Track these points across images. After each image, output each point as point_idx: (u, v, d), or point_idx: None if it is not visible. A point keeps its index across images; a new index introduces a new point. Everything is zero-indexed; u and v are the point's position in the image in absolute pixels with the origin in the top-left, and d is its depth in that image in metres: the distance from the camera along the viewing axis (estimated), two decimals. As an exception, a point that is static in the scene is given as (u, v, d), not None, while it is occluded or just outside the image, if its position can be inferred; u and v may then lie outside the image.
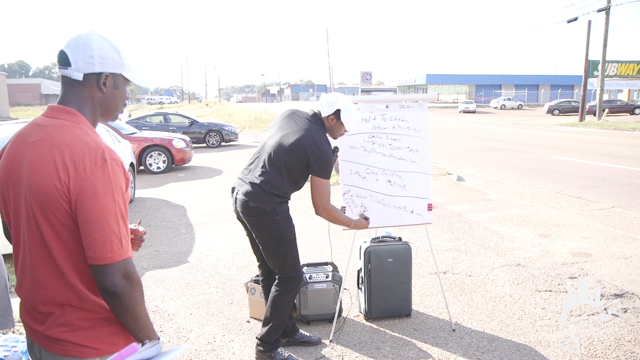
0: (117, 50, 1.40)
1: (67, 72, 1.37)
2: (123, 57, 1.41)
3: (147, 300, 4.06)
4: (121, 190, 1.32)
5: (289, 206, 2.97)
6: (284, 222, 2.89)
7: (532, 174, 10.25)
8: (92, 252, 1.26)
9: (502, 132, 22.44)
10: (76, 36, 1.39)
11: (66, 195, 1.27)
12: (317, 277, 3.63)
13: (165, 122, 16.65)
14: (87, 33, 1.39)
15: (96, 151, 1.29)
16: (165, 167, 11.35)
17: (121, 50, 1.41)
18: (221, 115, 32.87)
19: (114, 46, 1.40)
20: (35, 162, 1.30)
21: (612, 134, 20.74)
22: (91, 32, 1.40)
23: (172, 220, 6.83)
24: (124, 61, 1.41)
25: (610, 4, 26.23)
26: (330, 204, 2.95)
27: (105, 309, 1.34)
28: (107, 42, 1.39)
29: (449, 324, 3.60)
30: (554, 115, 37.16)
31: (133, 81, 1.47)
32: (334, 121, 2.95)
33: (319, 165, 2.81)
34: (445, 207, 7.28)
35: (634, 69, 33.15)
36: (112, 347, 1.37)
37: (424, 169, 3.51)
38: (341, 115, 2.92)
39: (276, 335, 3.05)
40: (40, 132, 1.33)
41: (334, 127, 2.99)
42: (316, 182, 2.85)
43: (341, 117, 2.92)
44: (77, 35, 1.39)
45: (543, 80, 61.44)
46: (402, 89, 69.07)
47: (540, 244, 5.48)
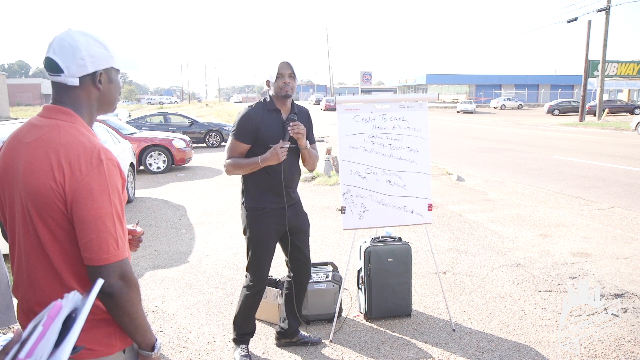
0: (102, 44, 1.38)
1: (61, 79, 1.35)
2: (109, 49, 1.39)
3: (147, 300, 4.06)
4: (117, 190, 1.31)
5: (265, 208, 2.91)
6: (250, 220, 2.94)
7: (532, 174, 10.25)
8: (88, 252, 1.25)
9: (502, 132, 22.44)
10: (58, 39, 1.35)
11: (62, 196, 1.26)
12: (317, 277, 3.63)
13: (165, 122, 16.66)
14: (68, 33, 1.35)
15: (92, 151, 1.28)
16: (165, 167, 11.34)
17: (106, 43, 1.39)
18: (221, 115, 32.85)
19: (98, 40, 1.37)
20: (31, 163, 1.29)
21: (612, 134, 20.73)
22: (71, 31, 1.36)
23: (172, 220, 6.83)
24: (111, 53, 1.40)
25: (610, 4, 26.23)
26: (229, 160, 2.90)
27: (102, 310, 1.33)
28: (91, 39, 1.36)
29: (449, 324, 3.60)
30: (554, 115, 37.15)
31: (123, 69, 1.45)
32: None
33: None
34: (445, 207, 7.28)
35: (634, 69, 33.13)
36: (109, 348, 1.36)
37: (424, 169, 3.50)
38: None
39: (236, 329, 3.12)
40: (36, 133, 1.32)
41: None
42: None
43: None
44: (57, 38, 1.35)
45: (543, 80, 61.43)
46: (402, 89, 69.06)
47: (540, 244, 5.48)
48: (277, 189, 2.89)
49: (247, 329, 3.14)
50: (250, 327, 3.15)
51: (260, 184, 2.91)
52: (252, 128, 2.83)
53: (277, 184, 2.88)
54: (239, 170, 2.89)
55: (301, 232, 3.09)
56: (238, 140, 2.86)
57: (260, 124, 2.84)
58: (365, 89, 65.30)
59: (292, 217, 3.00)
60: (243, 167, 2.86)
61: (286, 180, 2.91)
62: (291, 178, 2.97)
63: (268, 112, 2.88)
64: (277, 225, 2.95)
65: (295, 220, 3.03)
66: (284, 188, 2.89)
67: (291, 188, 3.01)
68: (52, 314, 1.04)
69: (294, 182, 3.03)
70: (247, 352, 3.12)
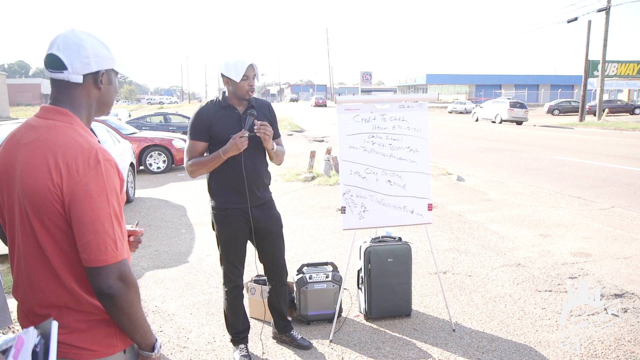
0: (105, 46, 1.39)
1: (64, 76, 1.34)
2: (111, 51, 1.41)
3: (147, 300, 4.06)
4: (115, 191, 1.30)
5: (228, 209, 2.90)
6: (215, 219, 2.96)
7: (532, 174, 10.25)
8: (86, 254, 1.25)
9: (502, 132, 22.44)
10: (62, 37, 1.35)
11: (59, 197, 1.25)
12: (317, 277, 3.63)
13: (165, 122, 16.65)
14: (73, 32, 1.36)
15: (89, 152, 1.27)
16: (165, 167, 11.35)
17: (108, 45, 1.40)
18: (221, 115, 32.79)
19: (101, 42, 1.39)
20: (28, 164, 1.28)
21: (612, 134, 20.73)
22: (76, 31, 1.37)
23: (172, 220, 6.83)
24: (113, 55, 1.41)
25: (610, 4, 26.22)
26: (190, 161, 2.87)
27: (102, 310, 1.32)
28: (95, 39, 1.38)
29: (449, 324, 3.60)
30: (554, 115, 37.13)
31: (122, 73, 1.46)
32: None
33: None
34: (445, 207, 7.28)
35: (634, 69, 33.11)
36: (109, 349, 1.35)
37: (424, 169, 3.50)
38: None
39: (228, 328, 3.16)
40: (33, 134, 1.32)
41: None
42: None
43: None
44: (62, 35, 1.36)
45: (543, 80, 61.41)
46: (402, 89, 69.05)
47: (540, 244, 5.48)
48: (240, 188, 2.84)
49: (239, 327, 3.13)
50: (241, 325, 3.13)
51: (223, 183, 2.87)
52: (205, 125, 2.81)
53: (239, 182, 2.83)
54: (202, 168, 2.83)
55: (269, 235, 3.01)
56: (194, 140, 2.84)
57: (213, 120, 2.81)
58: (365, 89, 65.26)
59: (259, 218, 2.93)
60: (206, 164, 2.81)
61: (249, 178, 2.84)
62: (255, 175, 2.88)
63: (222, 108, 2.85)
64: (243, 225, 2.92)
65: (262, 222, 2.95)
66: (246, 186, 2.84)
67: (256, 186, 2.91)
68: (18, 346, 1.09)
69: (259, 179, 2.92)
70: (247, 352, 3.12)
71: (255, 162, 2.88)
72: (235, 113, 2.85)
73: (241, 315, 3.13)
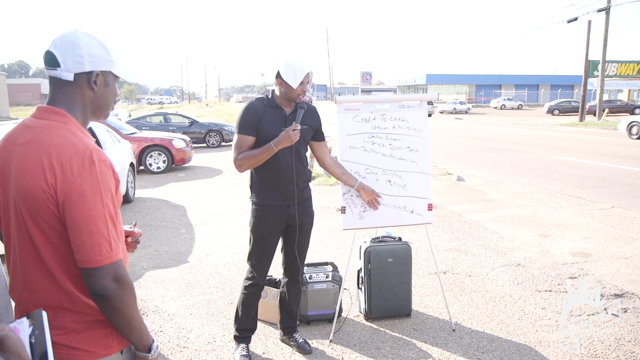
0: (105, 48, 1.39)
1: (57, 73, 1.34)
2: (111, 54, 1.40)
3: (147, 300, 4.06)
4: (110, 191, 1.29)
5: (267, 205, 2.94)
6: (253, 214, 2.99)
7: (532, 174, 10.24)
8: (81, 255, 1.24)
9: (502, 132, 22.44)
10: (62, 35, 1.36)
11: (53, 198, 1.24)
12: (317, 277, 3.63)
13: (165, 122, 16.66)
14: (73, 32, 1.37)
15: (84, 152, 1.27)
16: (165, 167, 11.34)
17: (109, 47, 1.40)
18: (221, 115, 32.83)
19: (101, 44, 1.38)
20: (23, 164, 1.28)
21: (612, 134, 20.71)
22: (77, 31, 1.37)
23: (172, 220, 6.83)
24: (112, 58, 1.40)
25: (610, 4, 26.20)
26: (240, 155, 2.89)
27: (98, 311, 1.31)
28: (94, 40, 1.37)
29: (449, 324, 3.59)
30: (554, 115, 37.14)
31: (122, 77, 1.45)
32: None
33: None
34: (445, 207, 7.28)
35: (634, 69, 33.12)
36: (106, 349, 1.35)
37: (424, 169, 3.50)
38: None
39: (236, 323, 3.15)
40: (29, 134, 1.31)
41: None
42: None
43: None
44: (62, 34, 1.36)
45: (543, 80, 61.45)
46: (402, 89, 69.07)
47: (540, 244, 5.47)
48: (283, 184, 2.89)
49: (247, 325, 3.14)
50: (249, 324, 3.14)
51: (265, 179, 2.91)
52: (255, 120, 2.84)
53: (284, 177, 2.88)
54: (252, 160, 2.85)
55: (300, 230, 3.06)
56: (243, 134, 2.86)
57: (261, 117, 2.85)
58: (365, 89, 65.31)
59: (297, 215, 2.97)
60: (257, 156, 2.83)
61: (297, 173, 2.90)
62: (300, 170, 2.93)
63: (270, 107, 2.88)
64: (279, 222, 2.96)
65: (299, 218, 3.00)
66: (295, 182, 2.90)
67: (301, 181, 2.97)
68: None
69: (300, 176, 2.95)
70: (247, 352, 3.11)
71: (301, 158, 2.97)
72: (282, 114, 2.89)
73: (252, 315, 3.14)
